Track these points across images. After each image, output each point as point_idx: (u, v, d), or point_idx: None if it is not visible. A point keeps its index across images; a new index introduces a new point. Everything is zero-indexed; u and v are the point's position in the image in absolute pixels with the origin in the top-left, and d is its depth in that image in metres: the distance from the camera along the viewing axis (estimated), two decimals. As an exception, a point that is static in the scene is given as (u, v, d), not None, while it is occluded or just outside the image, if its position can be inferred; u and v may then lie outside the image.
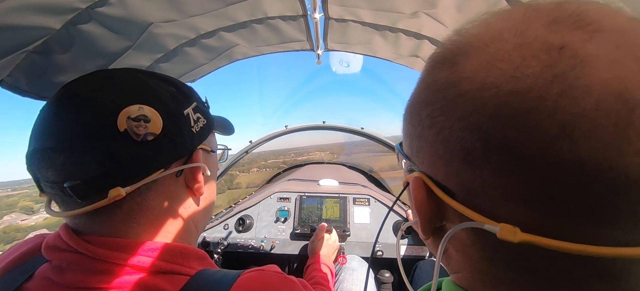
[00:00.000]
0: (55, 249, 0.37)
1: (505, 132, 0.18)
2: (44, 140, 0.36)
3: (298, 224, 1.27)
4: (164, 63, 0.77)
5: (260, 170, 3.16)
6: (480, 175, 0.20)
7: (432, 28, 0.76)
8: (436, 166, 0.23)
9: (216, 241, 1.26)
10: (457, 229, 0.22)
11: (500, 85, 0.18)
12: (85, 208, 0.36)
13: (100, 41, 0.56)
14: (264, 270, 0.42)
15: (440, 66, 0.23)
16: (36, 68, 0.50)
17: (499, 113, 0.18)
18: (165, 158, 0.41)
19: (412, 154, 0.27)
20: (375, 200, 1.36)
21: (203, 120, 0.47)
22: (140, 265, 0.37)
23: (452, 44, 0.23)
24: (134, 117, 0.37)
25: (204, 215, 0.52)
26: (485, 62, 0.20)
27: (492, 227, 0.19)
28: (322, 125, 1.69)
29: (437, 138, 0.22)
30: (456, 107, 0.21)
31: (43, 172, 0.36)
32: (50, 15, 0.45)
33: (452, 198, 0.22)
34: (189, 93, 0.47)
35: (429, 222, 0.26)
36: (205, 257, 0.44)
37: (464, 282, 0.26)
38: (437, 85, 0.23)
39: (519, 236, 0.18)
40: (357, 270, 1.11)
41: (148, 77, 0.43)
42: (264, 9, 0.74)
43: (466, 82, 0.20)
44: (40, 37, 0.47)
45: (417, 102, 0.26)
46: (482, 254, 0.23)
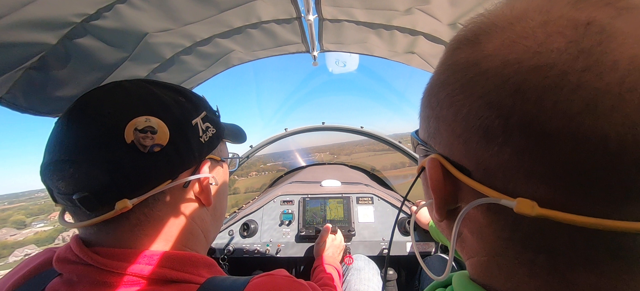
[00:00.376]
0: (66, 261, 0.37)
1: (527, 108, 0.18)
2: (55, 153, 0.37)
3: (302, 226, 1.27)
4: (161, 72, 0.78)
5: (259, 174, 3.16)
6: (498, 152, 0.19)
7: (426, 23, 0.76)
8: (453, 146, 0.23)
9: (222, 248, 1.26)
10: (473, 205, 0.22)
11: (522, 61, 0.18)
12: (94, 220, 0.37)
13: (96, 54, 0.56)
14: (273, 275, 0.42)
15: (462, 47, 0.23)
16: (34, 84, 0.51)
17: (521, 89, 0.18)
18: (172, 169, 0.41)
19: (428, 137, 0.27)
20: (379, 198, 1.36)
21: (212, 130, 0.47)
22: (148, 275, 0.37)
23: (474, 24, 0.23)
24: (140, 128, 0.37)
25: (214, 225, 0.52)
26: (509, 39, 0.19)
27: (508, 202, 0.19)
28: (322, 126, 1.69)
29: (456, 117, 0.22)
30: (476, 85, 0.21)
31: (55, 183, 0.37)
32: (46, 31, 0.46)
33: (468, 176, 0.22)
34: (198, 102, 0.47)
35: (444, 203, 0.26)
36: (213, 264, 0.44)
37: (478, 269, 0.26)
38: (457, 66, 0.23)
39: (537, 210, 0.18)
40: (364, 269, 1.10)
41: (157, 87, 0.43)
42: (257, 14, 0.74)
43: (488, 59, 0.20)
44: (37, 53, 0.47)
45: (436, 84, 0.26)
46: (498, 234, 0.22)
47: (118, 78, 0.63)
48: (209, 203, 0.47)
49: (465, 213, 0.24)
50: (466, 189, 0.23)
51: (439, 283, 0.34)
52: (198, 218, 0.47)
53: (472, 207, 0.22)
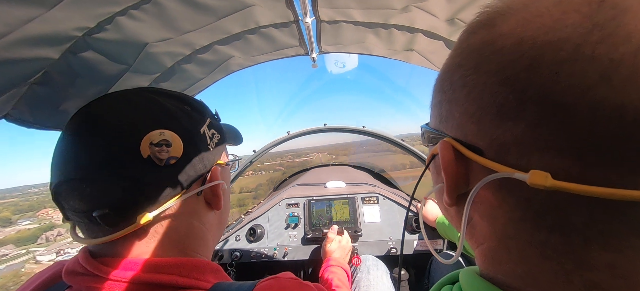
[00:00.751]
0: (74, 274, 0.38)
1: (542, 81, 0.18)
2: (68, 172, 0.36)
3: (309, 229, 1.27)
4: (163, 82, 0.79)
5: (255, 173, 3.15)
6: (512, 127, 0.20)
7: (424, 20, 0.76)
8: (466, 126, 0.24)
9: (229, 254, 1.26)
10: (485, 181, 0.22)
11: (537, 37, 0.18)
12: (116, 235, 0.37)
13: (98, 67, 0.57)
14: (279, 278, 0.42)
15: (476, 30, 0.24)
16: (39, 99, 0.52)
17: (535, 64, 0.18)
18: (187, 180, 0.42)
19: (440, 122, 0.27)
20: (384, 197, 1.35)
21: (217, 136, 0.48)
22: (157, 282, 0.37)
23: (489, 9, 0.23)
24: (156, 142, 0.38)
25: (220, 227, 0.53)
26: (524, 19, 0.20)
27: (521, 175, 0.19)
28: (324, 128, 1.69)
29: (469, 97, 0.23)
30: (491, 63, 0.21)
31: (70, 203, 0.37)
32: (48, 46, 0.46)
33: (480, 156, 0.22)
34: (202, 109, 0.48)
35: (455, 186, 0.26)
36: (219, 270, 0.45)
37: (487, 256, 0.26)
38: (472, 47, 0.23)
39: (550, 181, 0.18)
40: (373, 270, 1.10)
41: (162, 97, 0.44)
42: (255, 19, 0.75)
43: (503, 38, 0.20)
44: (40, 69, 0.48)
45: (449, 69, 0.26)
46: (509, 215, 0.22)
47: (121, 89, 0.64)
48: (220, 207, 0.49)
49: (477, 193, 0.24)
50: (478, 170, 0.24)
51: (447, 279, 0.33)
52: (208, 223, 0.48)
53: (485, 183, 0.22)
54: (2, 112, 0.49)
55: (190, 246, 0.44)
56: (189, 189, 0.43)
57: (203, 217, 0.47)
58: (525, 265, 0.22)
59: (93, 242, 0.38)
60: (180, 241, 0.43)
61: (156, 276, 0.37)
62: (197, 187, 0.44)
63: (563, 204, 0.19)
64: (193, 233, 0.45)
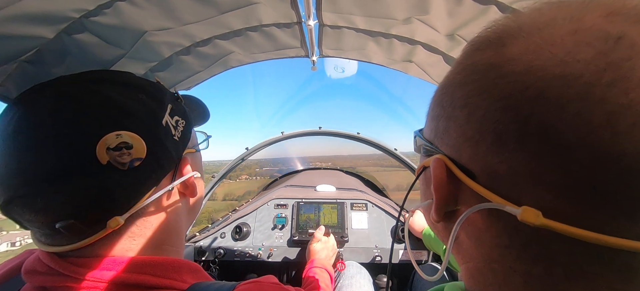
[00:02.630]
0: (34, 273, 0.36)
1: (545, 116, 0.17)
2: (15, 187, 0.33)
3: (296, 231, 1.27)
4: (159, 71, 0.77)
5: (250, 178, 3.10)
6: (508, 158, 0.19)
7: (424, 33, 0.77)
8: (462, 148, 0.23)
9: (213, 251, 1.24)
10: (475, 209, 0.22)
11: (547, 68, 0.18)
12: (84, 242, 0.35)
13: (93, 50, 0.56)
14: (261, 282, 0.41)
15: (483, 48, 0.23)
16: (29, 78, 0.50)
17: (542, 97, 0.18)
18: (155, 178, 0.40)
19: (435, 137, 0.27)
20: (373, 205, 1.36)
21: (182, 122, 0.45)
22: (129, 282, 0.35)
23: (499, 26, 0.23)
24: (113, 146, 0.34)
25: (194, 211, 0.52)
26: (535, 45, 0.19)
27: (513, 209, 0.19)
28: (319, 131, 1.69)
29: (468, 119, 0.22)
30: (495, 88, 0.20)
31: (25, 217, 0.34)
32: (43, 24, 0.45)
33: (473, 180, 0.22)
34: (160, 96, 0.43)
35: (444, 204, 0.25)
36: (198, 270, 0.44)
37: (473, 275, 0.26)
38: (477, 67, 0.22)
39: (541, 220, 0.18)
40: (356, 276, 1.10)
41: (112, 87, 0.38)
42: (258, 17, 0.75)
43: (511, 63, 0.20)
44: (33, 47, 0.47)
45: (450, 84, 0.25)
46: (496, 241, 0.22)
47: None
48: (195, 194, 0.48)
49: (467, 217, 0.23)
50: (468, 192, 0.23)
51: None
52: (181, 212, 0.47)
53: (474, 210, 0.22)
54: (-12, 87, 0.47)
55: (165, 241, 0.43)
56: (160, 186, 0.41)
57: (177, 208, 0.45)
58: (509, 289, 0.22)
59: (60, 249, 0.36)
60: (155, 237, 0.41)
61: (128, 275, 0.36)
62: (168, 181, 0.42)
63: (548, 239, 0.19)
64: (168, 228, 0.43)
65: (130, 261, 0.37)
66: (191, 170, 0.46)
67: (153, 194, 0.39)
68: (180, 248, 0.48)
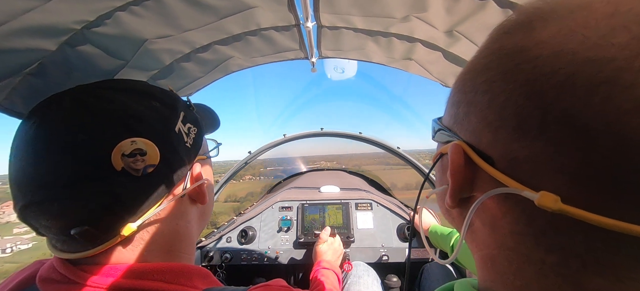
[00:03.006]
0: (50, 281, 0.36)
1: (571, 102, 0.17)
2: (33, 194, 0.33)
3: (301, 233, 1.27)
4: (161, 79, 0.78)
5: (253, 179, 3.06)
6: (529, 144, 0.19)
7: (423, 31, 0.77)
8: (481, 133, 0.23)
9: (219, 255, 1.25)
10: (492, 193, 0.22)
11: (578, 52, 0.17)
12: (97, 249, 0.36)
13: (95, 60, 0.56)
14: (270, 285, 0.41)
15: (511, 31, 0.22)
16: (33, 90, 0.51)
17: (569, 81, 0.17)
18: (168, 184, 0.41)
19: (455, 123, 0.27)
20: (378, 204, 1.35)
21: (194, 129, 0.46)
22: (141, 289, 0.36)
23: (530, 9, 0.22)
24: (128, 153, 0.35)
25: (204, 218, 0.52)
26: (567, 28, 0.18)
27: (530, 194, 0.18)
28: (321, 132, 1.69)
29: (490, 104, 0.22)
30: (520, 73, 0.20)
31: (41, 223, 0.35)
32: (46, 37, 0.46)
33: (491, 166, 0.22)
34: (173, 103, 0.45)
35: (460, 190, 0.25)
36: (208, 275, 0.44)
37: (487, 263, 0.25)
38: (504, 50, 0.22)
39: (559, 205, 0.17)
40: (363, 276, 1.09)
41: (127, 96, 0.40)
42: (257, 21, 0.75)
43: (539, 47, 0.19)
44: (36, 60, 0.48)
45: (474, 69, 0.25)
46: (511, 228, 0.22)
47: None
48: (206, 202, 0.48)
49: (482, 202, 0.23)
50: (485, 178, 0.23)
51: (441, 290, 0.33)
52: (192, 219, 0.47)
53: (491, 195, 0.22)
54: (-5, 101, 0.48)
55: (176, 247, 0.43)
56: (171, 192, 0.41)
57: (188, 214, 0.46)
58: (523, 279, 0.22)
59: (74, 256, 0.36)
60: (166, 243, 0.42)
61: (140, 282, 0.36)
62: (180, 187, 0.43)
63: (565, 227, 0.19)
64: (179, 234, 0.44)
65: (142, 268, 0.37)
66: (202, 177, 0.46)
67: (165, 200, 0.40)
68: (191, 254, 0.48)
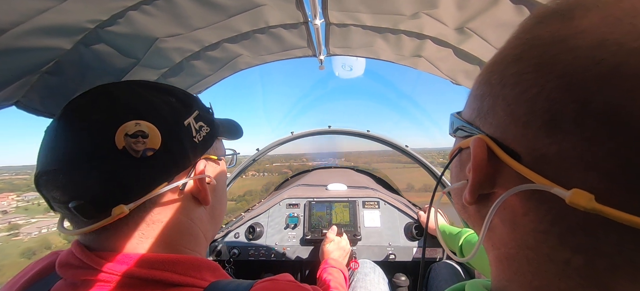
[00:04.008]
0: (68, 266, 0.38)
1: (614, 96, 0.16)
2: (47, 163, 0.37)
3: (308, 230, 1.27)
4: (171, 77, 0.79)
5: (257, 175, 3.04)
6: (561, 140, 0.18)
7: (433, 27, 0.76)
8: (507, 128, 0.22)
9: (227, 250, 1.27)
10: (517, 189, 0.21)
11: (625, 43, 0.16)
12: (92, 226, 0.37)
13: (108, 59, 0.58)
14: (277, 280, 0.41)
15: (547, 20, 0.21)
16: (49, 88, 0.52)
17: (614, 73, 0.16)
18: (167, 172, 0.41)
19: (478, 116, 0.26)
20: (385, 202, 1.35)
21: (206, 128, 0.47)
22: (152, 278, 0.37)
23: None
24: (131, 133, 0.37)
25: (213, 225, 0.52)
26: (613, 17, 0.17)
27: (561, 192, 0.17)
28: (328, 130, 1.69)
29: (519, 98, 0.21)
30: (557, 64, 0.18)
31: (50, 192, 0.37)
32: (61, 36, 0.47)
33: (517, 161, 0.21)
34: (190, 102, 0.46)
35: (480, 186, 0.24)
36: (217, 268, 0.44)
37: (504, 262, 0.24)
38: (538, 40, 0.20)
39: (593, 205, 0.16)
40: (370, 274, 1.09)
41: (146, 89, 0.43)
42: (265, 19, 0.75)
43: (580, 36, 0.18)
44: (52, 58, 0.49)
45: (503, 60, 0.23)
46: (534, 226, 0.21)
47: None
48: (207, 202, 0.47)
49: (505, 199, 0.22)
50: (508, 174, 0.22)
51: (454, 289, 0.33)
52: (197, 218, 0.47)
53: (517, 191, 0.21)
54: (14, 98, 0.50)
55: (179, 242, 0.44)
56: (171, 182, 0.42)
57: (191, 212, 0.46)
58: (543, 279, 0.21)
59: (75, 232, 0.38)
60: (167, 235, 0.42)
61: (151, 272, 0.37)
62: (180, 180, 0.43)
63: (595, 227, 0.18)
64: (180, 229, 0.44)
65: (154, 257, 0.38)
66: (206, 174, 0.46)
67: (162, 189, 0.40)
68: (198, 250, 0.48)
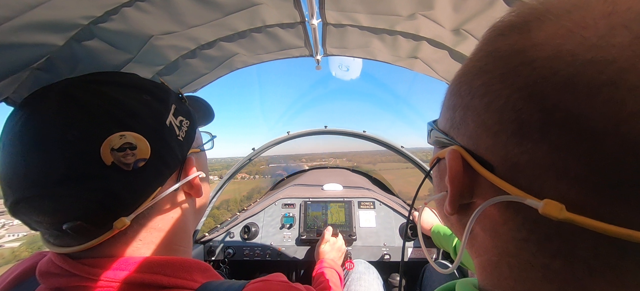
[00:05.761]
0: (48, 275, 0.37)
1: (574, 104, 0.16)
2: (22, 189, 0.33)
3: (304, 230, 1.27)
4: (166, 75, 0.78)
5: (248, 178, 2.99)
6: (530, 149, 0.18)
7: (429, 29, 0.76)
8: (480, 139, 0.22)
9: (222, 251, 1.26)
10: (492, 201, 0.21)
11: (578, 54, 0.17)
12: (91, 243, 0.36)
13: (102, 55, 0.57)
14: (269, 280, 0.41)
15: (506, 33, 0.21)
16: (40, 84, 0.51)
17: (571, 83, 0.17)
18: (160, 177, 0.41)
19: (451, 127, 0.26)
20: (380, 203, 1.35)
21: (186, 122, 0.46)
22: (142, 282, 0.36)
23: (524, 9, 0.21)
24: (117, 147, 0.35)
25: (200, 212, 0.52)
26: (565, 29, 0.18)
27: (534, 202, 0.18)
28: (324, 130, 1.69)
29: (488, 108, 0.21)
30: (519, 75, 0.19)
31: (33, 218, 0.35)
32: (54, 32, 0.46)
33: (491, 172, 0.21)
34: (164, 96, 0.44)
35: (459, 197, 0.25)
36: (208, 269, 0.44)
37: (487, 269, 0.25)
38: (499, 53, 0.21)
39: (565, 214, 0.17)
40: (365, 274, 1.10)
41: (116, 89, 0.39)
42: (262, 18, 0.75)
43: (537, 49, 0.19)
44: (44, 55, 0.48)
45: (470, 71, 0.24)
46: (513, 234, 0.21)
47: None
48: (200, 194, 0.48)
49: (483, 210, 0.23)
50: (485, 184, 0.23)
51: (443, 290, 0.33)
52: (187, 212, 0.47)
53: (492, 203, 0.21)
54: (3, 95, 0.49)
55: (173, 240, 0.44)
56: (165, 186, 0.41)
57: (183, 208, 0.46)
58: (526, 284, 0.22)
59: (68, 251, 0.36)
60: (162, 237, 0.42)
61: (140, 275, 0.36)
62: (173, 181, 0.43)
63: (570, 234, 0.18)
64: (175, 227, 0.44)
65: (142, 261, 0.38)
66: (196, 170, 0.46)
67: (159, 194, 0.40)
68: (188, 248, 0.48)
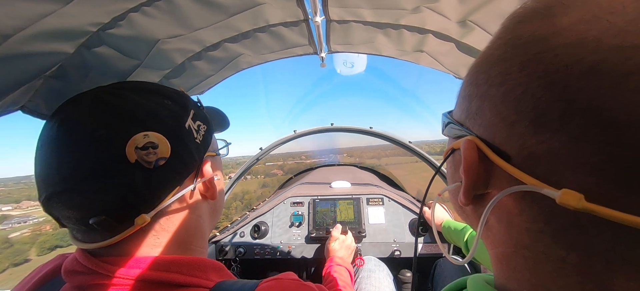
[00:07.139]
0: (73, 273, 0.39)
1: (598, 93, 0.16)
2: (54, 184, 0.36)
3: (313, 228, 1.27)
4: (173, 78, 0.80)
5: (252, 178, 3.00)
6: (549, 139, 0.18)
7: (435, 22, 0.75)
8: (496, 128, 0.22)
9: (233, 250, 1.28)
10: (508, 191, 0.21)
11: (603, 40, 0.16)
12: (114, 239, 0.38)
13: (111, 61, 0.58)
14: (281, 279, 0.42)
15: (528, 19, 0.21)
16: (54, 92, 0.53)
17: (596, 70, 0.16)
18: (179, 177, 0.42)
19: (467, 117, 0.26)
20: (389, 199, 1.35)
21: (203, 127, 0.48)
22: (159, 280, 0.37)
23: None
24: (141, 146, 0.37)
25: (215, 215, 0.54)
26: (591, 14, 0.17)
27: (551, 192, 0.18)
28: (331, 128, 1.69)
29: (505, 98, 0.21)
30: (540, 63, 0.18)
31: (63, 213, 0.38)
32: (64, 40, 0.48)
33: (507, 162, 0.21)
34: (184, 102, 0.47)
35: (474, 187, 0.24)
36: (222, 268, 0.45)
37: (502, 261, 0.25)
38: (520, 40, 0.21)
39: (583, 204, 0.16)
40: (375, 271, 1.10)
41: (140, 94, 0.42)
42: (265, 17, 0.75)
43: (560, 35, 0.18)
44: (56, 62, 0.50)
45: (487, 60, 0.24)
46: (528, 225, 0.21)
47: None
48: (215, 198, 0.49)
49: (498, 200, 0.22)
50: (500, 175, 0.22)
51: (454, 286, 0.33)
52: (203, 214, 0.48)
53: (508, 193, 0.21)
54: (19, 103, 0.51)
55: (189, 240, 0.45)
56: (183, 185, 0.43)
57: (199, 209, 0.47)
58: (540, 276, 0.21)
59: (93, 246, 0.38)
60: (179, 237, 0.43)
61: (157, 273, 0.37)
62: (191, 181, 0.45)
63: (588, 226, 0.18)
64: (191, 227, 0.45)
65: (159, 260, 0.39)
66: (212, 172, 0.48)
67: (176, 193, 0.42)
68: (204, 248, 0.50)
